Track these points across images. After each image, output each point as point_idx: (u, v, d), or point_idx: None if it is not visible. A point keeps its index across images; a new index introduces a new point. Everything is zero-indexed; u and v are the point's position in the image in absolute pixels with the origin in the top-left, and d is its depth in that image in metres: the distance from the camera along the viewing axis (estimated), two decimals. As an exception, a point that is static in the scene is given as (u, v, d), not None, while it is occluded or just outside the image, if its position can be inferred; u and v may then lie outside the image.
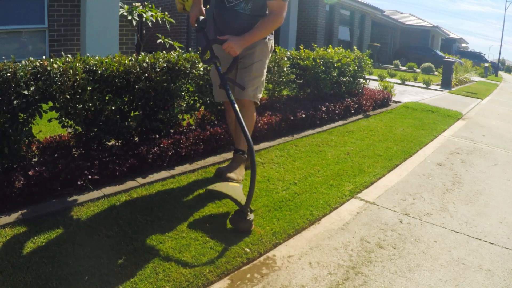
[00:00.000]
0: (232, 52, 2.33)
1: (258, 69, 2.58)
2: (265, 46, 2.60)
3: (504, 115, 7.80)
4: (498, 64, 30.73)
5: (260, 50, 2.57)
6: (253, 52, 2.55)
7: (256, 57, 2.56)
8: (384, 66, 18.06)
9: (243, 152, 2.66)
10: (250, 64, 2.56)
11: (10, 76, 2.24)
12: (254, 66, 2.56)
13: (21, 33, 5.91)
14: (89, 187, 2.45)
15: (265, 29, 2.42)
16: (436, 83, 11.80)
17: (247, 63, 2.57)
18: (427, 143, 4.50)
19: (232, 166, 2.62)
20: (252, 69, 2.55)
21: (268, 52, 2.64)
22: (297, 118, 4.22)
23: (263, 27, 2.40)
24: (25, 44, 5.99)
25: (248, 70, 2.55)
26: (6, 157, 2.30)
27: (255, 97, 2.61)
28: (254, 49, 2.55)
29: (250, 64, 2.56)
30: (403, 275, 1.93)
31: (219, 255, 1.92)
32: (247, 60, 2.57)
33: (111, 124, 2.78)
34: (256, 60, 2.56)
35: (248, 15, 2.49)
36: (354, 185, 2.96)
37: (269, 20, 2.41)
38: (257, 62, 2.57)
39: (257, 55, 2.57)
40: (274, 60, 4.28)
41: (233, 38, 2.33)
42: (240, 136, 2.63)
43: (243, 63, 2.59)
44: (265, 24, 2.41)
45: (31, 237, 1.93)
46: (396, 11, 27.51)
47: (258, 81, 2.60)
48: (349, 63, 5.49)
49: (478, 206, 2.88)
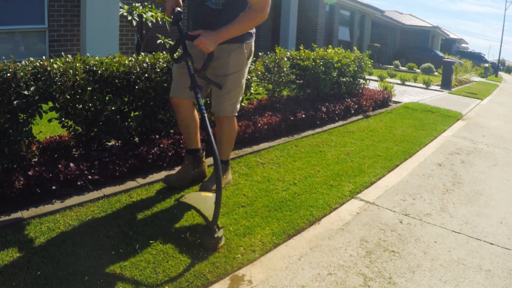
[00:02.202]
0: (205, 48, 2.09)
1: (234, 81, 2.34)
2: (240, 52, 2.31)
3: (504, 115, 7.80)
4: (498, 65, 30.74)
5: (234, 59, 2.30)
6: (227, 61, 2.29)
7: (230, 68, 2.30)
8: (384, 67, 18.06)
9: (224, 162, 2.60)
10: (225, 76, 2.30)
11: (10, 76, 2.24)
12: (229, 79, 2.31)
13: (21, 33, 5.91)
14: (89, 187, 2.45)
15: (243, 25, 2.17)
16: (436, 83, 11.80)
17: (220, 74, 2.30)
18: (427, 144, 4.50)
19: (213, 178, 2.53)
20: (227, 83, 2.31)
21: (245, 59, 2.36)
22: (297, 118, 4.22)
23: (241, 22, 2.15)
24: (25, 44, 5.99)
25: (222, 84, 2.29)
26: (6, 157, 2.30)
27: (234, 111, 2.43)
28: (227, 58, 2.28)
29: (224, 75, 2.30)
30: (403, 275, 1.93)
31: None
32: (220, 70, 2.30)
33: (111, 125, 2.78)
34: (231, 72, 2.30)
35: (221, 11, 2.22)
36: (354, 186, 2.96)
37: (249, 15, 2.16)
38: (232, 74, 2.31)
39: (231, 65, 2.30)
40: (274, 60, 4.28)
41: (205, 33, 2.09)
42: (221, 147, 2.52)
43: (215, 70, 2.31)
44: (244, 20, 2.16)
45: (31, 237, 1.93)
46: (396, 12, 27.52)
47: (236, 93, 2.39)
48: (349, 63, 5.49)
49: (478, 206, 2.88)
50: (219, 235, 1.96)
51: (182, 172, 2.62)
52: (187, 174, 2.62)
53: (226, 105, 2.38)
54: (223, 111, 2.40)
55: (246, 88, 3.77)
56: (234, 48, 2.28)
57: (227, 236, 2.09)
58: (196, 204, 1.96)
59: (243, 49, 2.33)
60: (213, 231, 1.94)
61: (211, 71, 2.30)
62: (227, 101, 2.37)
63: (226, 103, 2.37)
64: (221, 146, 2.55)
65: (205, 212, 1.93)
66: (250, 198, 2.56)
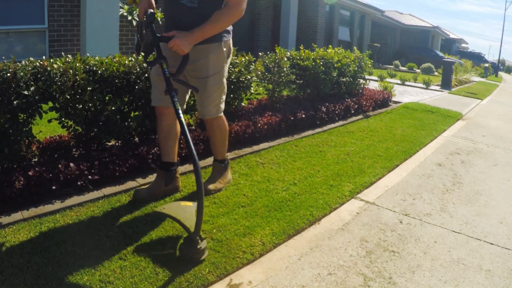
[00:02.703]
0: (180, 50, 1.99)
1: (215, 83, 2.28)
2: (220, 52, 2.25)
3: (504, 115, 7.80)
4: (498, 65, 30.74)
5: (214, 59, 2.23)
6: (207, 63, 2.22)
7: (211, 69, 2.23)
8: (384, 67, 18.06)
9: (222, 161, 2.62)
10: (205, 78, 2.24)
11: (10, 76, 2.24)
12: (210, 80, 2.25)
13: (21, 33, 5.91)
14: (89, 187, 2.44)
15: (219, 24, 2.08)
16: (436, 83, 11.80)
17: (201, 75, 2.24)
18: (427, 144, 4.50)
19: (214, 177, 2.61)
20: (208, 85, 2.25)
21: (224, 58, 2.29)
22: (297, 118, 4.22)
23: (216, 20, 2.06)
24: (25, 44, 5.99)
25: (204, 86, 2.24)
26: (6, 157, 2.30)
27: (219, 112, 2.39)
28: (207, 58, 2.21)
29: (204, 77, 2.24)
30: (403, 275, 1.93)
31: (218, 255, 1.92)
32: (200, 72, 2.24)
33: (111, 125, 2.78)
34: (211, 73, 2.24)
35: (197, 9, 2.13)
36: (354, 186, 2.96)
37: (224, 12, 2.07)
38: (213, 76, 2.26)
39: (212, 66, 2.23)
40: (274, 60, 4.28)
41: (180, 34, 1.99)
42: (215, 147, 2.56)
43: (195, 73, 2.25)
44: (219, 17, 2.06)
45: (31, 237, 1.93)
46: (396, 12, 27.53)
47: (219, 94, 2.33)
48: (349, 63, 5.49)
49: (478, 206, 2.88)
50: (202, 247, 1.84)
51: (153, 187, 2.45)
52: (158, 190, 2.44)
53: (211, 107, 2.34)
54: (208, 113, 2.36)
55: (246, 88, 3.77)
56: (212, 48, 2.21)
57: (227, 236, 2.09)
58: (176, 214, 1.86)
59: (222, 48, 2.25)
60: (195, 242, 1.82)
61: (191, 73, 2.25)
62: (211, 103, 2.32)
63: (210, 105, 2.33)
64: (215, 146, 2.56)
65: (186, 222, 1.82)
66: (250, 198, 2.56)
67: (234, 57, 3.67)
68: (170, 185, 2.48)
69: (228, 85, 3.55)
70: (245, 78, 3.71)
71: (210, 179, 2.62)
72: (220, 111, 2.40)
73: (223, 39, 2.24)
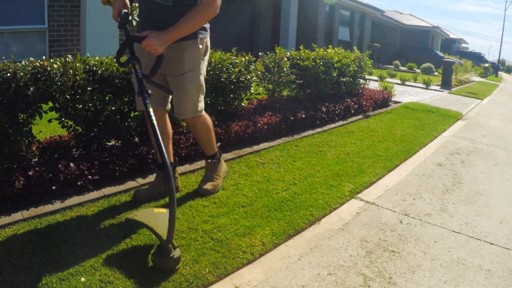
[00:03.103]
0: (153, 50, 1.92)
1: (191, 80, 2.20)
2: (195, 49, 2.18)
3: (504, 115, 7.81)
4: (498, 65, 30.74)
5: (190, 56, 2.17)
6: (182, 59, 2.16)
7: (186, 65, 2.17)
8: (384, 67, 18.06)
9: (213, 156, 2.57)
10: (181, 75, 2.17)
11: (10, 76, 2.24)
12: (187, 77, 2.18)
13: (21, 33, 5.91)
14: (89, 187, 2.45)
15: (193, 22, 2.01)
16: (436, 83, 11.80)
17: (177, 73, 2.18)
18: (427, 144, 4.50)
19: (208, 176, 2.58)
20: (185, 82, 2.18)
21: (201, 55, 2.22)
22: (297, 118, 4.22)
23: (190, 19, 1.99)
24: (25, 44, 5.99)
25: (180, 84, 2.18)
26: (6, 157, 2.30)
27: (197, 111, 2.29)
28: (182, 55, 2.15)
29: (180, 74, 2.17)
30: (403, 275, 1.93)
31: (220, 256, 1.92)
32: (176, 69, 2.18)
33: (111, 125, 2.78)
34: (187, 70, 2.17)
35: (171, 7, 2.07)
36: (354, 186, 2.96)
37: (198, 10, 2.00)
38: (189, 72, 2.18)
39: (187, 63, 2.17)
40: (274, 60, 4.28)
41: (153, 34, 1.93)
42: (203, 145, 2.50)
43: (171, 71, 2.19)
44: (193, 16, 1.99)
45: (31, 237, 1.93)
46: (396, 12, 27.53)
47: (196, 91, 2.25)
48: (349, 63, 5.49)
49: (478, 206, 2.89)
50: (175, 255, 1.75)
51: (153, 188, 2.44)
52: (158, 190, 2.44)
53: (189, 106, 2.24)
54: (186, 112, 2.26)
55: (246, 88, 3.77)
56: (187, 45, 2.14)
57: (227, 236, 2.09)
58: (148, 221, 1.79)
59: (198, 45, 2.18)
60: (168, 251, 1.74)
61: (167, 71, 2.20)
62: (189, 101, 2.23)
63: (189, 103, 2.24)
64: (203, 144, 2.51)
65: (158, 230, 1.75)
66: (250, 198, 2.56)
67: (234, 57, 3.67)
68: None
69: (228, 85, 3.56)
70: (245, 78, 3.71)
71: (205, 179, 2.57)
72: (199, 110, 2.30)
73: (199, 36, 2.17)
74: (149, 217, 1.84)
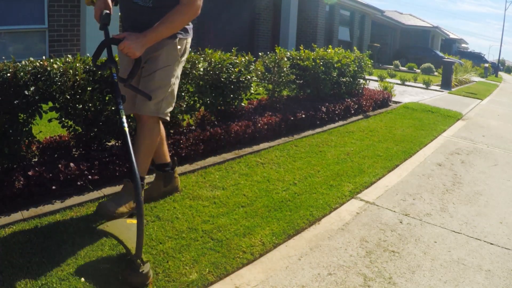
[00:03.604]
0: (131, 53, 1.84)
1: (163, 77, 2.07)
2: (173, 47, 2.08)
3: (504, 115, 7.81)
4: (498, 65, 30.75)
5: (167, 52, 2.06)
6: (159, 55, 2.05)
7: (160, 62, 2.05)
8: (384, 67, 18.06)
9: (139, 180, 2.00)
10: (153, 71, 2.05)
11: (10, 76, 2.24)
12: (158, 73, 2.05)
13: (21, 33, 5.91)
14: (89, 187, 2.44)
15: (173, 23, 1.93)
16: (436, 83, 11.80)
17: (150, 69, 2.06)
18: (427, 144, 4.50)
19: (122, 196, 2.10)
20: (155, 77, 2.05)
21: (177, 55, 2.11)
22: (297, 118, 4.22)
23: (170, 20, 1.90)
24: (25, 44, 5.99)
25: (151, 78, 2.05)
26: (6, 157, 2.30)
27: (159, 112, 2.08)
28: (160, 51, 2.05)
29: (153, 71, 2.06)
30: (403, 275, 1.93)
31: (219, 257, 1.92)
32: (150, 65, 2.07)
33: (111, 125, 2.78)
34: (160, 66, 2.06)
35: (151, 8, 1.99)
36: (354, 186, 2.96)
37: (178, 11, 1.91)
38: (162, 69, 2.06)
39: (162, 60, 2.06)
40: (274, 60, 4.28)
41: (131, 36, 1.84)
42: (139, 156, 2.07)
43: (146, 69, 2.07)
44: (173, 17, 1.91)
45: (31, 237, 1.93)
46: (396, 12, 27.53)
47: (164, 91, 2.07)
48: (349, 63, 5.50)
49: (478, 206, 2.89)
50: (144, 270, 1.64)
51: (152, 188, 2.41)
52: (157, 191, 2.41)
53: (151, 103, 2.04)
54: (146, 109, 2.05)
55: (246, 88, 3.77)
56: (165, 44, 2.04)
57: (227, 236, 2.09)
58: (119, 233, 1.69)
59: (176, 45, 2.09)
60: (137, 266, 1.63)
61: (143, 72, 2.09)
62: (153, 98, 2.03)
63: (152, 101, 2.04)
64: (137, 156, 2.05)
65: (128, 243, 1.65)
66: (250, 198, 2.56)
67: (234, 57, 3.67)
68: (169, 185, 2.46)
69: (228, 85, 3.56)
70: (245, 78, 3.71)
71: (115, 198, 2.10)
72: (161, 112, 2.09)
73: (178, 36, 2.08)
74: (120, 228, 1.74)
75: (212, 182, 2.76)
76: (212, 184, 2.73)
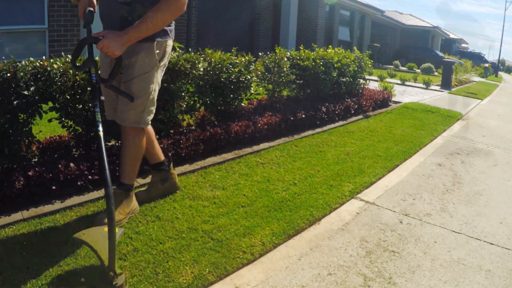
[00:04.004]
0: (110, 52, 1.74)
1: (141, 86, 1.96)
2: (150, 52, 1.95)
3: (504, 115, 7.81)
4: (498, 65, 30.75)
5: (143, 59, 1.94)
6: (134, 62, 1.93)
7: (136, 70, 1.93)
8: (384, 67, 18.06)
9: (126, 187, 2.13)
10: (130, 80, 1.94)
11: (10, 76, 2.24)
12: (134, 83, 1.94)
13: (21, 33, 5.91)
14: (89, 187, 2.44)
15: (156, 21, 1.81)
16: (436, 83, 11.80)
17: (127, 77, 1.95)
18: (427, 144, 4.50)
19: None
20: (132, 86, 1.94)
21: (155, 60, 1.98)
22: (297, 118, 4.22)
23: (153, 18, 1.79)
24: (25, 44, 5.99)
25: (128, 86, 1.95)
26: (6, 157, 2.30)
27: (140, 122, 2.01)
28: (135, 56, 1.92)
29: (129, 79, 1.94)
30: (403, 275, 1.93)
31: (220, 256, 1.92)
32: (127, 71, 1.95)
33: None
34: (136, 75, 1.93)
35: (130, 4, 1.89)
36: (354, 186, 2.96)
37: (161, 8, 1.79)
38: (138, 77, 1.94)
39: (138, 67, 1.93)
40: (274, 60, 4.28)
41: (110, 34, 1.75)
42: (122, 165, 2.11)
43: (124, 74, 1.96)
44: (156, 14, 1.79)
45: (31, 237, 1.93)
46: (396, 12, 27.52)
47: (144, 101, 1.98)
48: (349, 63, 5.49)
49: (478, 206, 2.89)
50: (118, 283, 1.55)
51: (150, 188, 2.41)
52: (156, 190, 2.41)
53: (131, 114, 1.97)
54: (127, 120, 1.99)
55: (246, 88, 3.76)
56: (142, 47, 1.93)
57: (227, 236, 2.09)
58: (95, 242, 1.59)
59: (154, 49, 1.96)
60: (110, 278, 1.54)
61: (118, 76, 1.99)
62: (133, 109, 1.96)
63: (131, 111, 1.97)
64: (122, 164, 2.12)
65: (102, 254, 1.55)
66: (250, 198, 2.56)
67: (234, 57, 3.67)
68: (167, 183, 2.46)
69: (228, 85, 3.56)
70: (245, 78, 3.71)
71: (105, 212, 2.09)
72: (142, 122, 2.02)
73: (156, 39, 1.95)
74: (97, 236, 1.64)
75: (212, 182, 2.76)
76: (212, 184, 2.73)
